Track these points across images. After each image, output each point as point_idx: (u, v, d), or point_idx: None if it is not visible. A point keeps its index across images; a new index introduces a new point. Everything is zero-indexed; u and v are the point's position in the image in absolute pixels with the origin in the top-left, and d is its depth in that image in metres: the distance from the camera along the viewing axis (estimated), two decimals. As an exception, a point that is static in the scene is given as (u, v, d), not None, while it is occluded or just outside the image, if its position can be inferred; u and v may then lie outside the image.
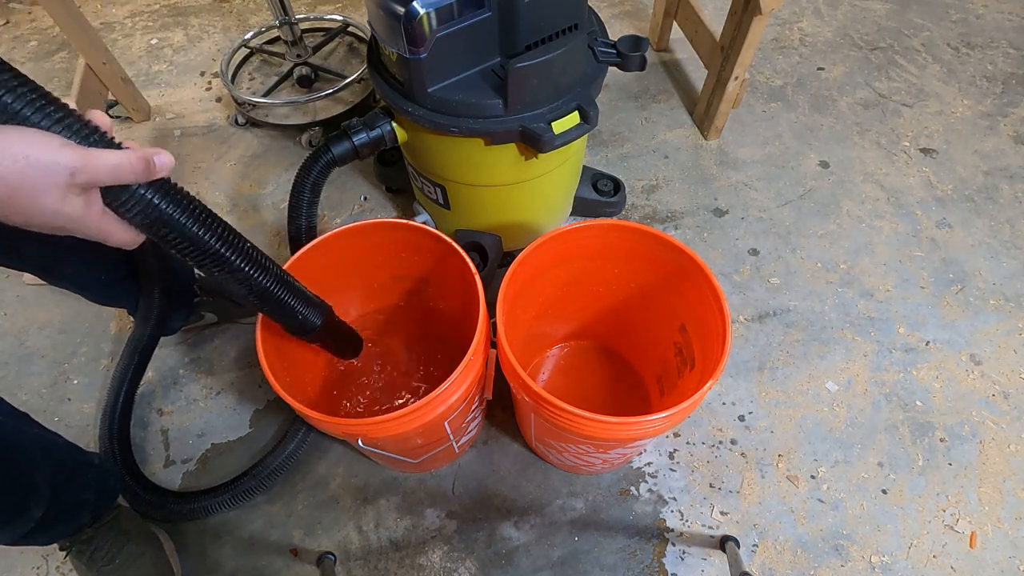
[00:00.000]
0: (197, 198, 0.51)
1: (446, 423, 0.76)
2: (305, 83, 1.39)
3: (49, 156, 0.38)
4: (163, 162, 0.45)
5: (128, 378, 0.95)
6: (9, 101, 0.38)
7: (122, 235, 0.47)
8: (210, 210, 0.52)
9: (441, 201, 1.06)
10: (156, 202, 0.47)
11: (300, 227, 0.95)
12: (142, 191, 0.46)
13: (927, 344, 1.11)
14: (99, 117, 0.44)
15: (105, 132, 0.44)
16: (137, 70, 1.62)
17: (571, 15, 0.81)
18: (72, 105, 0.42)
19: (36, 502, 0.66)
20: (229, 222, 0.55)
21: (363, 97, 1.39)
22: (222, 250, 0.53)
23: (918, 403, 1.05)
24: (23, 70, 0.40)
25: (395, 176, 1.27)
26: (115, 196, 0.45)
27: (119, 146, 0.44)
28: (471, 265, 0.74)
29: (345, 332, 0.81)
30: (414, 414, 0.66)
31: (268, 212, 1.31)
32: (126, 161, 0.42)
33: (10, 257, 0.76)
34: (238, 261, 0.55)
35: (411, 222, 0.79)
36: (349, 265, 0.84)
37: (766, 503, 0.95)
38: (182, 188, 0.50)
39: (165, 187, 0.48)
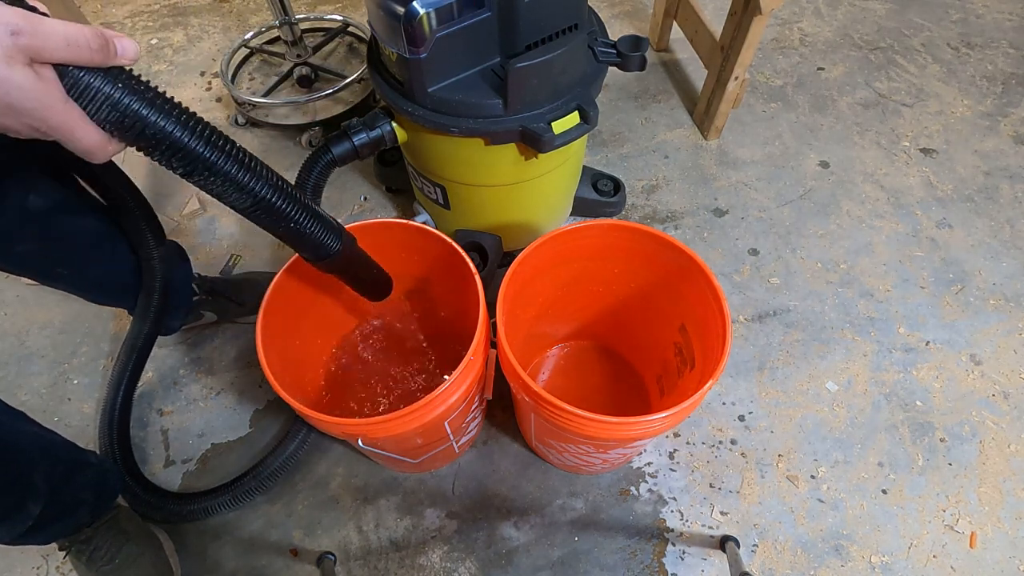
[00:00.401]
0: (172, 97, 0.44)
1: (446, 423, 0.76)
2: (305, 83, 1.39)
3: None
4: (126, 47, 0.39)
5: (127, 377, 0.94)
6: None
7: (90, 134, 0.40)
8: (190, 110, 0.45)
9: (441, 201, 1.06)
10: (123, 95, 0.39)
11: None
12: (104, 81, 0.39)
13: (927, 344, 1.11)
14: (36, 1, 0.38)
15: (47, 14, 0.37)
16: (137, 70, 1.60)
17: (571, 15, 0.81)
18: None
19: (34, 500, 0.66)
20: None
21: (363, 97, 1.39)
22: (213, 156, 0.45)
23: (918, 403, 1.05)
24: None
25: (395, 176, 1.27)
26: (73, 83, 0.38)
27: None
28: (471, 265, 0.74)
29: (369, 264, 0.73)
30: (414, 414, 0.66)
31: (268, 212, 1.31)
32: (79, 32, 0.36)
33: (4, 259, 0.75)
34: (234, 169, 0.47)
35: (411, 222, 0.79)
36: (349, 265, 0.84)
37: (766, 503, 0.95)
38: (157, 86, 0.43)
39: (132, 79, 0.41)
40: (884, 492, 0.96)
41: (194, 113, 0.45)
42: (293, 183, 0.93)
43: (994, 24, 1.69)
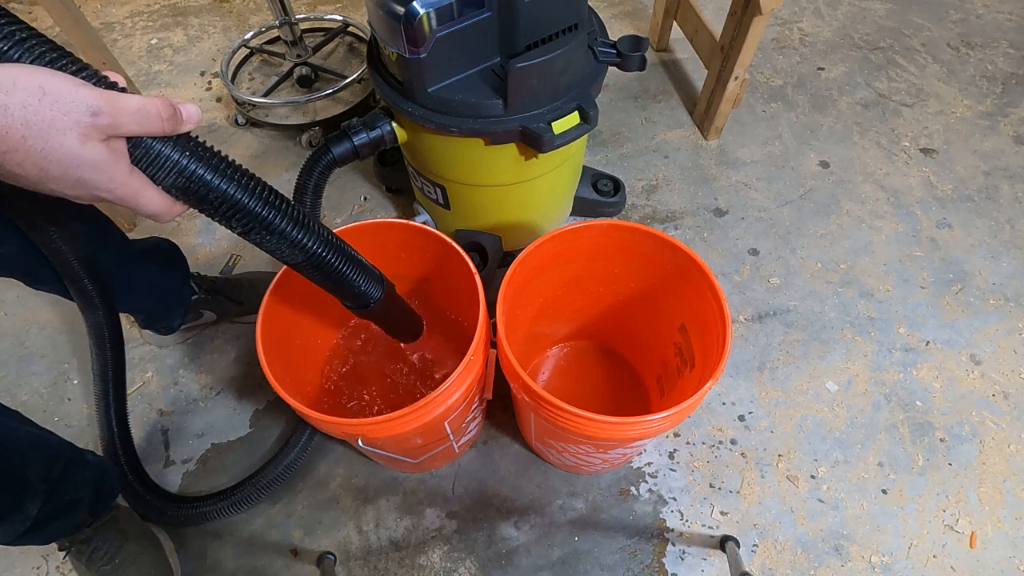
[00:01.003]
0: (233, 160, 0.47)
1: (446, 423, 0.76)
2: (305, 83, 1.39)
3: (67, 90, 0.34)
4: (191, 112, 0.41)
5: (111, 373, 0.89)
6: (15, 53, 0.34)
7: (155, 198, 0.42)
8: (251, 172, 0.47)
9: (441, 201, 1.06)
10: (189, 162, 0.42)
11: None
12: (173, 149, 0.41)
13: (927, 344, 1.11)
14: (115, 76, 0.40)
15: (124, 88, 0.40)
16: (137, 70, 1.62)
17: (571, 15, 0.81)
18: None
19: (30, 499, 0.66)
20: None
21: (363, 97, 1.39)
22: (271, 216, 0.47)
23: (918, 403, 1.05)
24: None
25: (395, 176, 1.27)
26: (143, 153, 0.40)
27: None
28: (471, 265, 0.74)
29: (406, 310, 0.75)
30: (414, 414, 0.66)
31: (268, 212, 1.31)
32: (152, 106, 0.38)
33: None
34: (282, 222, 0.49)
35: (411, 222, 0.79)
36: (349, 265, 0.84)
37: (766, 503, 0.95)
38: (216, 148, 0.46)
39: (198, 145, 0.43)
40: (884, 492, 0.96)
41: (254, 175, 0.48)
42: (295, 185, 0.94)
43: (994, 24, 1.69)
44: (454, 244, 0.76)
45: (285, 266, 0.75)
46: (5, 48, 0.34)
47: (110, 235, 0.88)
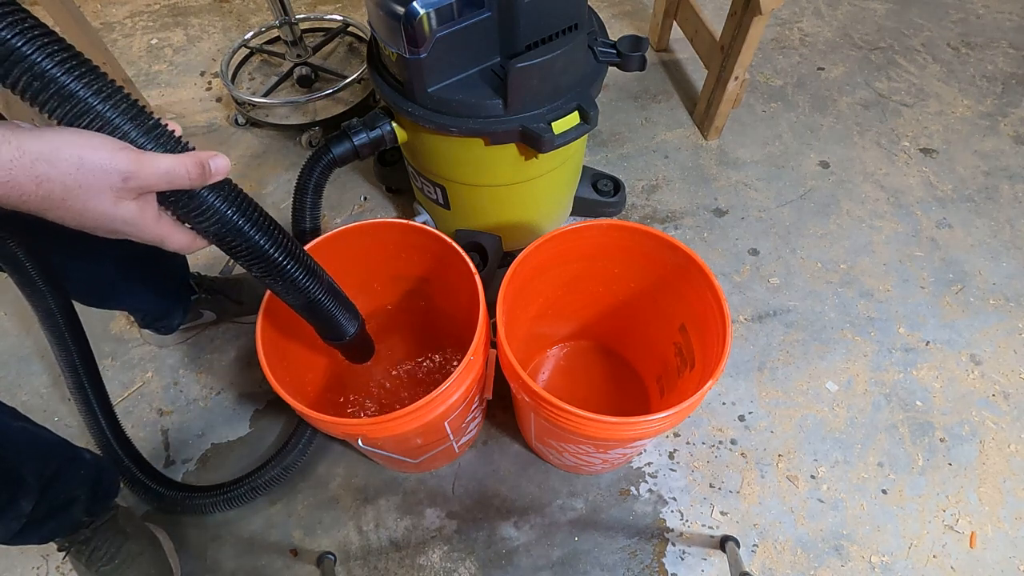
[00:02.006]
0: (257, 203, 0.50)
1: (446, 423, 0.76)
2: (305, 83, 1.39)
3: (103, 159, 0.38)
4: (219, 165, 0.45)
5: (77, 357, 0.82)
6: (83, 95, 0.38)
7: (180, 239, 0.47)
8: (271, 218, 0.51)
9: (441, 201, 1.06)
10: (215, 206, 0.46)
11: (304, 229, 0.95)
12: (201, 195, 0.45)
13: (927, 344, 1.11)
14: (173, 125, 0.44)
15: (172, 132, 0.44)
16: (137, 70, 1.62)
17: (571, 15, 0.81)
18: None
19: (24, 495, 0.66)
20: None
21: (363, 97, 1.39)
22: (282, 260, 0.52)
23: (918, 403, 1.05)
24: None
25: (395, 176, 1.27)
26: (173, 200, 0.44)
27: (185, 146, 0.44)
28: (471, 265, 0.74)
29: (367, 340, 0.79)
30: (414, 414, 0.66)
31: (269, 212, 1.30)
32: (180, 166, 0.42)
33: None
34: (296, 271, 0.55)
35: (411, 222, 0.79)
36: (349, 265, 0.84)
37: (766, 503, 0.95)
38: (242, 191, 0.49)
39: (225, 191, 0.46)
40: (884, 492, 0.96)
41: (276, 224, 0.52)
42: (295, 185, 0.94)
43: (994, 24, 1.69)
44: (454, 244, 0.76)
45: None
46: (94, 104, 0.39)
47: (110, 240, 0.86)
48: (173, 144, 0.43)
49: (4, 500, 0.64)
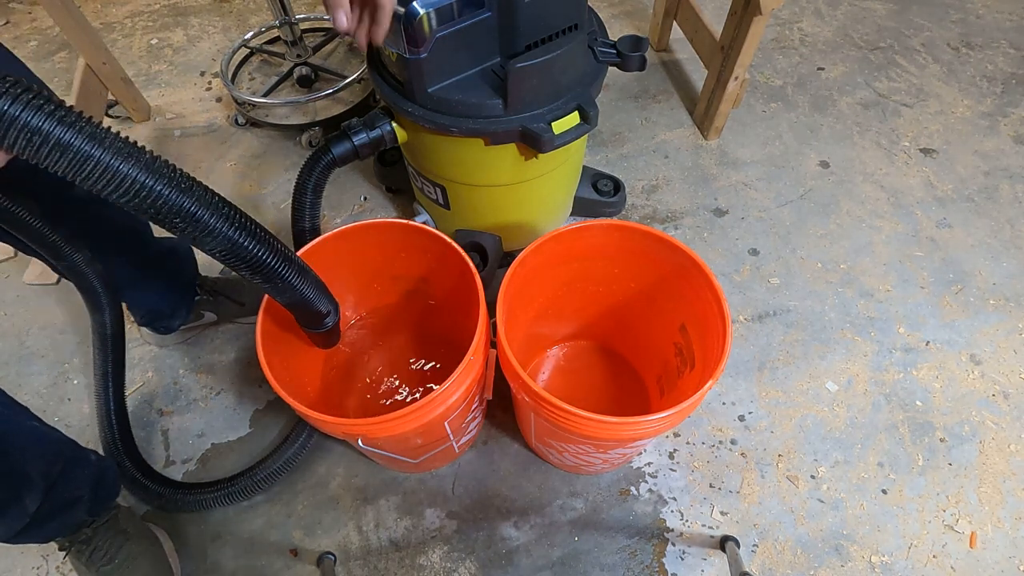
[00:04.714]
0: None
1: (446, 423, 0.76)
2: (305, 83, 1.39)
3: None
4: None
5: (111, 367, 0.90)
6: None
7: None
8: (258, 224, 0.53)
9: (441, 201, 1.06)
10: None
11: (304, 229, 0.95)
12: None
13: (927, 344, 1.11)
14: None
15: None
16: (137, 70, 1.62)
17: (571, 15, 0.81)
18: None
19: (30, 494, 0.66)
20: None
21: (363, 97, 1.39)
22: (271, 259, 0.55)
23: (918, 403, 1.04)
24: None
25: (395, 176, 1.27)
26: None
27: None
28: (471, 265, 0.74)
29: (336, 329, 0.79)
30: (414, 414, 0.66)
31: (269, 212, 1.31)
32: None
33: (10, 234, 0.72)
34: (288, 270, 0.57)
35: (411, 222, 0.79)
36: (349, 265, 0.84)
37: (766, 503, 0.95)
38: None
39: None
40: (884, 492, 0.96)
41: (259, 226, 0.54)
42: (295, 185, 0.94)
43: (994, 24, 1.69)
44: (454, 244, 0.76)
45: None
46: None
47: (132, 241, 0.91)
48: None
49: (9, 498, 0.65)
